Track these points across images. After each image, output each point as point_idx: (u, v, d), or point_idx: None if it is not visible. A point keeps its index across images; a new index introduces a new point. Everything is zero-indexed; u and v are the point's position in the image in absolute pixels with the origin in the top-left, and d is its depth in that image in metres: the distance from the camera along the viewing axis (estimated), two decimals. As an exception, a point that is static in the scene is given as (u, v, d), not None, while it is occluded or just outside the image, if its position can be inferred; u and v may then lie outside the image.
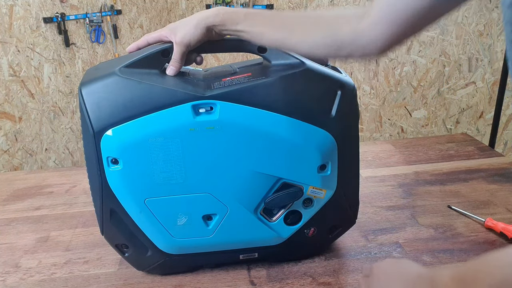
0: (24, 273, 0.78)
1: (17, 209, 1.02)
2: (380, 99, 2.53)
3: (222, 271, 0.76)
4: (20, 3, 2.16)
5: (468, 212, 0.89)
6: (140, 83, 0.63)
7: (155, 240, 0.71)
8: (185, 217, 0.68)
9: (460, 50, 2.39)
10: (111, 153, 0.64)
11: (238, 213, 0.69)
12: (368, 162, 1.15)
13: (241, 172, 0.66)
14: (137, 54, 0.67)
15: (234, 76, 0.67)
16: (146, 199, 0.66)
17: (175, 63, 0.67)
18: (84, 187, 1.09)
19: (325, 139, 0.67)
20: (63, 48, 2.30)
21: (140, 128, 0.62)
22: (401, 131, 2.59)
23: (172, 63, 0.67)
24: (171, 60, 0.67)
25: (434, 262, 0.76)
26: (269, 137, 0.64)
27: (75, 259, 0.82)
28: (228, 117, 0.63)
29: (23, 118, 2.30)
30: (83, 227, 0.92)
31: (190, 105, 0.62)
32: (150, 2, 2.47)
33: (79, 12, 2.29)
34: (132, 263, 0.76)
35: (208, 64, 2.46)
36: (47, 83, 2.31)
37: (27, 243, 0.88)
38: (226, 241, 0.72)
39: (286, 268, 0.76)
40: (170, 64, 0.67)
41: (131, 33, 2.46)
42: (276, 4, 2.46)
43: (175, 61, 0.67)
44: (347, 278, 0.73)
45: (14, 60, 2.21)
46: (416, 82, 2.47)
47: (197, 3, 2.50)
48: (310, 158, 0.67)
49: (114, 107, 0.63)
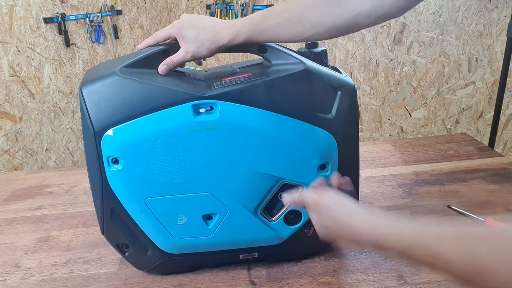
0: (24, 273, 0.79)
1: (18, 209, 1.02)
2: (380, 99, 2.53)
3: (222, 271, 0.76)
4: (20, 3, 2.16)
5: (468, 212, 0.89)
6: (140, 83, 0.63)
7: (155, 239, 0.71)
8: (185, 217, 0.69)
9: (459, 50, 2.39)
10: (111, 152, 0.64)
11: (238, 212, 0.69)
12: (368, 162, 1.16)
13: (241, 172, 0.66)
14: (137, 54, 0.67)
15: (234, 76, 0.67)
16: (146, 199, 0.67)
17: (171, 65, 0.66)
18: (85, 187, 1.09)
19: (325, 139, 0.67)
20: (63, 48, 2.30)
21: (140, 128, 0.63)
22: (401, 131, 2.59)
23: (167, 62, 0.66)
24: (169, 59, 0.66)
25: (433, 261, 0.76)
26: (269, 137, 0.65)
27: (75, 259, 0.82)
28: (228, 117, 0.63)
29: (23, 118, 2.30)
30: (84, 227, 0.92)
31: (190, 105, 0.63)
32: (150, 3, 2.47)
33: (79, 12, 2.30)
34: (132, 262, 0.76)
35: (208, 64, 2.46)
36: (47, 83, 2.31)
37: (27, 243, 0.88)
38: (226, 241, 0.72)
39: (286, 268, 0.76)
40: (165, 63, 0.66)
41: (131, 33, 2.46)
42: (276, 4, 2.46)
43: (172, 64, 0.66)
44: (347, 278, 0.73)
45: (14, 60, 2.21)
46: (416, 82, 2.47)
47: (197, 3, 2.50)
48: (310, 158, 0.67)
49: (115, 107, 0.63)
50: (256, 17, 0.64)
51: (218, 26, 0.64)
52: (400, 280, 0.72)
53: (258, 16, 0.64)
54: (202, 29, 0.64)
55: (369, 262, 0.76)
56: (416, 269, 0.74)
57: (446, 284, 0.70)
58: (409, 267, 0.74)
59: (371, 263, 0.76)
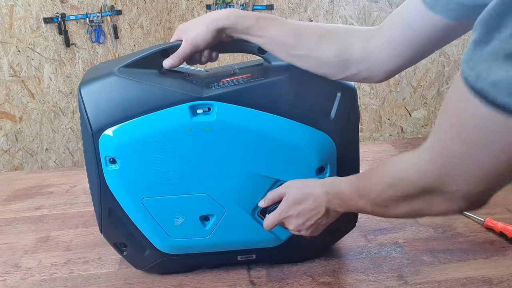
0: (24, 273, 0.79)
1: (18, 209, 1.02)
2: (380, 99, 2.53)
3: (222, 271, 0.76)
4: (20, 3, 2.16)
5: (468, 212, 0.89)
6: (138, 83, 0.63)
7: (153, 239, 0.71)
8: (182, 217, 0.69)
9: (459, 50, 2.38)
10: (109, 152, 0.64)
11: (236, 214, 0.69)
12: (368, 162, 1.15)
13: (238, 173, 0.66)
14: (137, 54, 0.67)
15: (233, 77, 0.67)
16: (144, 199, 0.66)
17: (175, 58, 0.66)
18: (84, 187, 1.09)
19: (323, 141, 0.66)
20: (63, 48, 2.30)
21: (137, 128, 0.63)
22: (401, 131, 2.59)
23: (172, 57, 0.66)
24: (174, 54, 0.66)
25: (434, 262, 0.76)
26: (266, 139, 0.64)
27: (75, 259, 0.82)
28: (225, 118, 0.63)
29: (23, 118, 2.31)
30: (84, 227, 0.92)
31: (187, 105, 0.62)
32: (150, 3, 2.47)
33: (79, 12, 2.30)
34: (131, 262, 0.76)
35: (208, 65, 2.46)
36: (47, 83, 2.31)
37: (27, 243, 0.88)
38: (223, 242, 0.72)
39: (286, 268, 0.76)
40: (170, 57, 0.66)
41: (131, 33, 2.46)
42: (276, 4, 2.46)
43: (176, 56, 0.66)
44: (347, 278, 0.73)
45: (14, 60, 2.21)
46: (415, 82, 2.47)
47: (197, 3, 2.50)
48: (308, 160, 0.66)
49: (113, 107, 0.63)
50: (263, 14, 0.65)
51: (215, 11, 0.65)
52: (400, 280, 0.72)
53: (265, 14, 0.65)
54: (199, 17, 0.66)
55: (369, 262, 0.76)
56: (416, 269, 0.74)
57: (446, 284, 0.70)
58: (409, 267, 0.74)
59: (371, 263, 0.76)
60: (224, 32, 0.65)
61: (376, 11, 2.40)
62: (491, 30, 0.36)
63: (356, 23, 2.43)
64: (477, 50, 0.37)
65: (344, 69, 0.62)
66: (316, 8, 2.45)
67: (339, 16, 2.44)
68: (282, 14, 2.45)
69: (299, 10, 2.46)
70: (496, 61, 0.35)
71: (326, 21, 2.44)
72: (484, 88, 0.36)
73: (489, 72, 0.36)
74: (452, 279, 0.71)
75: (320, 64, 0.63)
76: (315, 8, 2.45)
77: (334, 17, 2.45)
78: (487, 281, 0.70)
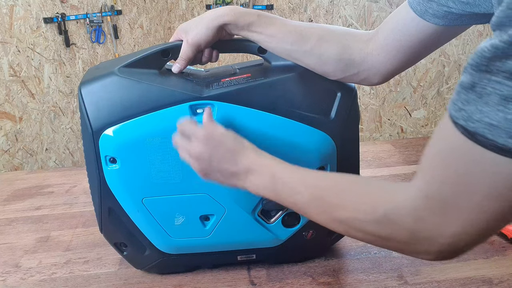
0: (24, 273, 0.79)
1: (18, 209, 1.02)
2: (380, 99, 2.53)
3: (222, 271, 0.76)
4: (20, 3, 2.16)
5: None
6: (138, 83, 0.63)
7: (153, 239, 0.71)
8: (182, 217, 0.69)
9: (459, 50, 2.39)
10: (109, 152, 0.64)
11: (236, 214, 0.69)
12: (368, 162, 1.15)
13: (239, 172, 0.66)
14: (137, 54, 0.67)
15: (233, 77, 0.67)
16: (144, 199, 0.67)
17: (181, 61, 0.67)
18: (85, 187, 1.09)
19: (323, 141, 0.66)
20: (63, 48, 2.30)
21: (138, 127, 0.63)
22: (401, 131, 2.59)
23: (178, 61, 0.67)
24: (179, 57, 0.67)
25: (433, 262, 0.76)
26: (266, 139, 0.64)
27: (75, 259, 0.82)
28: (225, 118, 0.63)
29: (23, 118, 2.31)
30: (84, 227, 0.92)
31: (188, 105, 0.63)
32: (150, 3, 2.47)
33: (79, 12, 2.30)
34: (131, 261, 0.76)
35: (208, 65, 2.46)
36: (47, 83, 2.31)
37: (27, 243, 0.88)
38: (223, 242, 0.72)
39: (286, 268, 0.76)
40: (177, 62, 0.67)
41: (131, 33, 2.46)
42: (276, 4, 2.46)
43: (182, 59, 0.66)
44: (347, 278, 0.73)
45: (14, 60, 2.21)
46: (415, 82, 2.47)
47: (197, 3, 2.50)
48: (308, 160, 0.66)
49: (113, 106, 0.63)
50: (264, 12, 0.65)
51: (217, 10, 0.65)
52: (400, 280, 0.72)
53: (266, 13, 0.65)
54: (199, 16, 0.66)
55: (369, 262, 0.76)
56: (416, 269, 0.74)
57: (446, 284, 0.70)
58: (409, 267, 0.74)
59: (371, 263, 0.76)
60: (224, 29, 0.65)
61: (376, 11, 2.40)
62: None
63: (356, 23, 2.43)
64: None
65: (345, 68, 0.63)
66: (316, 8, 2.45)
67: (339, 16, 2.44)
68: (282, 14, 2.45)
69: (299, 10, 2.46)
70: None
71: (326, 21, 2.44)
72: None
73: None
74: (452, 279, 0.71)
75: (321, 62, 0.63)
76: (315, 8, 2.45)
77: (334, 17, 2.45)
78: (487, 281, 0.70)
